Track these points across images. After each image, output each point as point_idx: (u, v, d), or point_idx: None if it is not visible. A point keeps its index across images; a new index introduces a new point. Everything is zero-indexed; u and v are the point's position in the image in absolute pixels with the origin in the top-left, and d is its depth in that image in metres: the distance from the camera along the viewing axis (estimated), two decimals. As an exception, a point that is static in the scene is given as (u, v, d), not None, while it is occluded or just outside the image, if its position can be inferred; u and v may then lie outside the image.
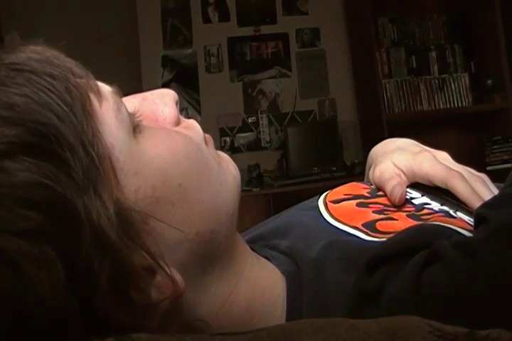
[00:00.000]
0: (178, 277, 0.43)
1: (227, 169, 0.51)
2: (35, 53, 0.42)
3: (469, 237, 0.43)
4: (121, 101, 0.46)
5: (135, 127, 0.45)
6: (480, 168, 0.66)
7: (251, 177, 3.45)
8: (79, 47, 3.28)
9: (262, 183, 3.43)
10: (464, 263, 0.41)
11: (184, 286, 0.43)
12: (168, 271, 0.41)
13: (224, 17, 3.72)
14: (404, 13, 3.65)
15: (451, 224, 0.54)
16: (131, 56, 3.57)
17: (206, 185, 0.48)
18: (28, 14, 3.36)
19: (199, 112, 3.64)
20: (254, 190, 3.32)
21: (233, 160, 0.54)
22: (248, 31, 3.73)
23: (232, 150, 3.57)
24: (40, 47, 0.43)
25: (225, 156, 0.53)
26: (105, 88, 0.45)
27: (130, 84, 3.38)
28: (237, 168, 0.53)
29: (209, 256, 0.47)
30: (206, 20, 3.72)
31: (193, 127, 0.51)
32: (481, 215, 0.44)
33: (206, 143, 0.51)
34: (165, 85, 3.56)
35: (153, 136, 0.46)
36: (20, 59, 0.41)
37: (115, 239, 0.38)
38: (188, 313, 0.46)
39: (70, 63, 0.43)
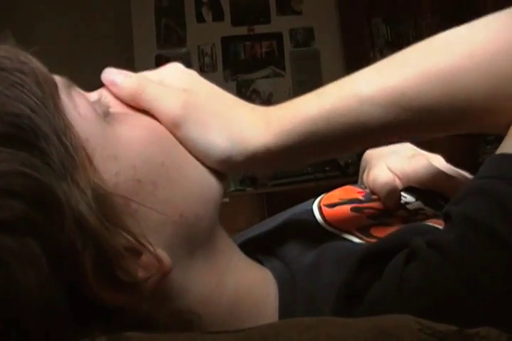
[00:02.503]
0: (163, 255, 0.43)
1: None
2: (2, 51, 0.43)
3: (438, 234, 0.44)
4: (81, 93, 0.47)
5: (105, 114, 0.46)
6: (473, 168, 0.66)
7: (244, 177, 3.46)
8: (73, 46, 3.28)
9: (255, 183, 3.43)
10: (435, 260, 0.41)
11: (171, 263, 0.43)
12: (151, 249, 0.42)
13: (218, 16, 3.73)
14: (398, 13, 3.66)
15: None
16: (125, 55, 3.57)
17: (190, 167, 0.49)
18: (23, 13, 3.35)
19: (193, 112, 3.64)
20: (247, 189, 3.33)
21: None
22: (242, 31, 3.73)
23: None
24: (7, 45, 0.44)
25: None
26: (61, 82, 0.46)
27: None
28: None
29: (193, 241, 0.48)
30: (200, 19, 3.72)
31: None
32: (446, 212, 0.45)
33: None
34: (159, 84, 3.56)
35: (129, 119, 0.47)
36: None
37: (95, 222, 0.39)
38: (176, 300, 0.46)
39: (35, 60, 0.44)
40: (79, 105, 0.44)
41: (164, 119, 0.48)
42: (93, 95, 0.50)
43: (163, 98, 0.49)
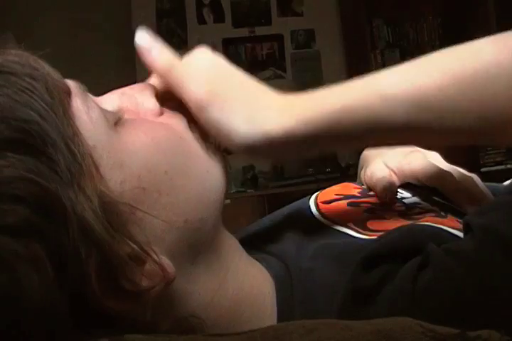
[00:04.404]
0: (167, 263, 0.43)
1: (214, 157, 0.53)
2: (13, 56, 0.43)
3: (457, 243, 0.45)
4: (93, 100, 0.47)
5: (116, 122, 0.46)
6: (474, 170, 0.66)
7: (245, 179, 3.45)
8: (73, 47, 3.27)
9: (256, 184, 3.43)
10: (453, 268, 0.42)
11: (174, 271, 0.43)
12: (156, 258, 0.42)
13: (219, 18, 3.73)
14: (399, 14, 3.66)
15: (441, 224, 0.54)
16: (126, 56, 3.57)
17: (193, 172, 0.49)
18: (23, 13, 3.35)
19: (194, 113, 3.64)
20: (248, 191, 3.32)
21: (228, 162, 0.55)
22: (243, 32, 3.73)
23: (227, 151, 3.57)
24: (18, 50, 0.44)
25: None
26: (74, 86, 0.46)
27: (125, 85, 3.36)
28: (224, 157, 0.54)
29: (197, 245, 0.48)
30: (201, 21, 3.72)
31: (176, 115, 0.52)
32: (467, 223, 0.46)
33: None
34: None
35: (135, 127, 0.48)
36: None
37: (100, 230, 0.39)
38: (179, 305, 0.46)
39: (46, 66, 0.44)
40: (92, 109, 0.44)
41: (189, 101, 0.49)
42: (111, 100, 0.50)
43: (191, 79, 0.50)
